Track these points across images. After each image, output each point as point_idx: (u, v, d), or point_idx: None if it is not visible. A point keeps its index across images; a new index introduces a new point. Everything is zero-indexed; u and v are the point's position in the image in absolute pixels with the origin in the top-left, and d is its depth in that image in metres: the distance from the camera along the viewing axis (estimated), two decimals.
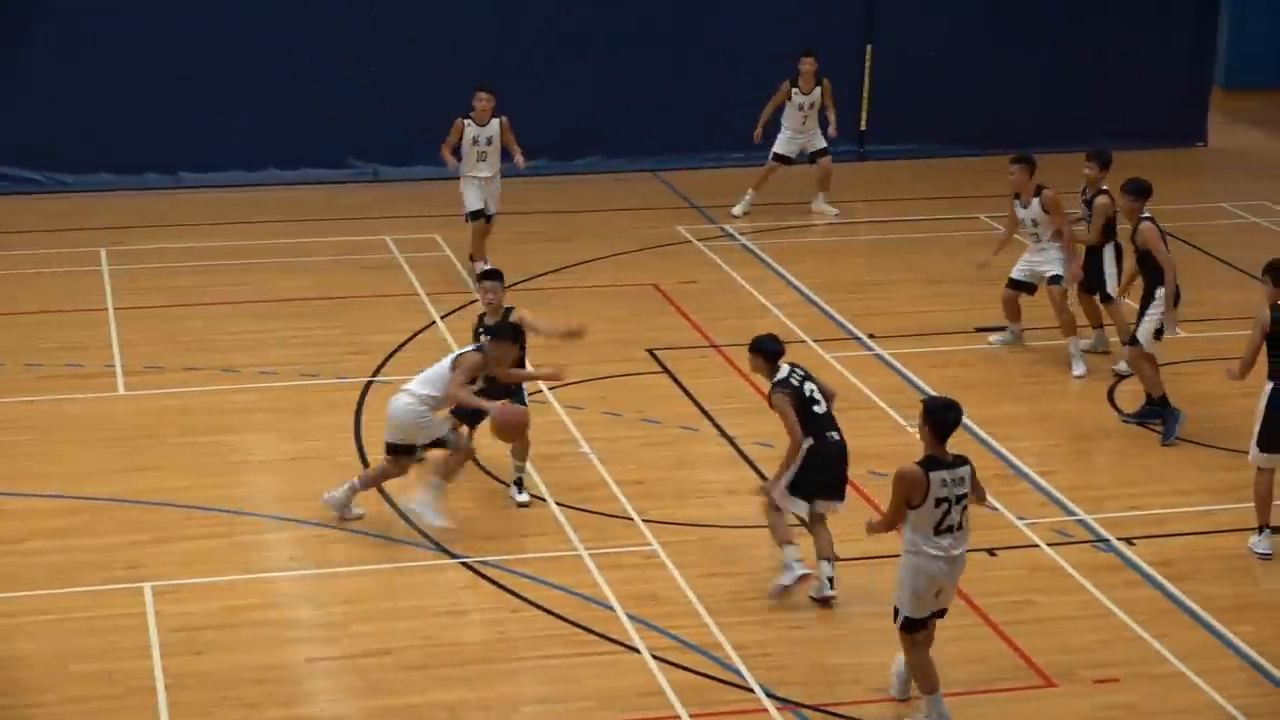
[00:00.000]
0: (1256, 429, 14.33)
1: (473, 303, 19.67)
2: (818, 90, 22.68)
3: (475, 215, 20.26)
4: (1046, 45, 26.07)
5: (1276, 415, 14.21)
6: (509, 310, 15.08)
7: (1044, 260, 18.04)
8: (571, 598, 13.50)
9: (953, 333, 19.02)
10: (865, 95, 25.04)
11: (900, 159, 25.32)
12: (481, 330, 15.05)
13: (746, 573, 13.95)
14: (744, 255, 21.50)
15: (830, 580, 13.44)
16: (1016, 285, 18.39)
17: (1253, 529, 14.54)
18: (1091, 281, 18.05)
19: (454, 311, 19.50)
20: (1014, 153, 18.44)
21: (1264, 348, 14.21)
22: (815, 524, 13.61)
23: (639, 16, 25.22)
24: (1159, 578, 13.91)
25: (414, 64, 22.16)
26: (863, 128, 24.93)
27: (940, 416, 11.37)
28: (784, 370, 13.58)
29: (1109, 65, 26.22)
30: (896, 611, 11.79)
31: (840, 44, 25.15)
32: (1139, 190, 16.59)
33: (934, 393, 17.15)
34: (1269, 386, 14.30)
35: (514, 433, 14.65)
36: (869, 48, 24.93)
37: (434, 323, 19.20)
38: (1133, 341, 16.47)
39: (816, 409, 13.60)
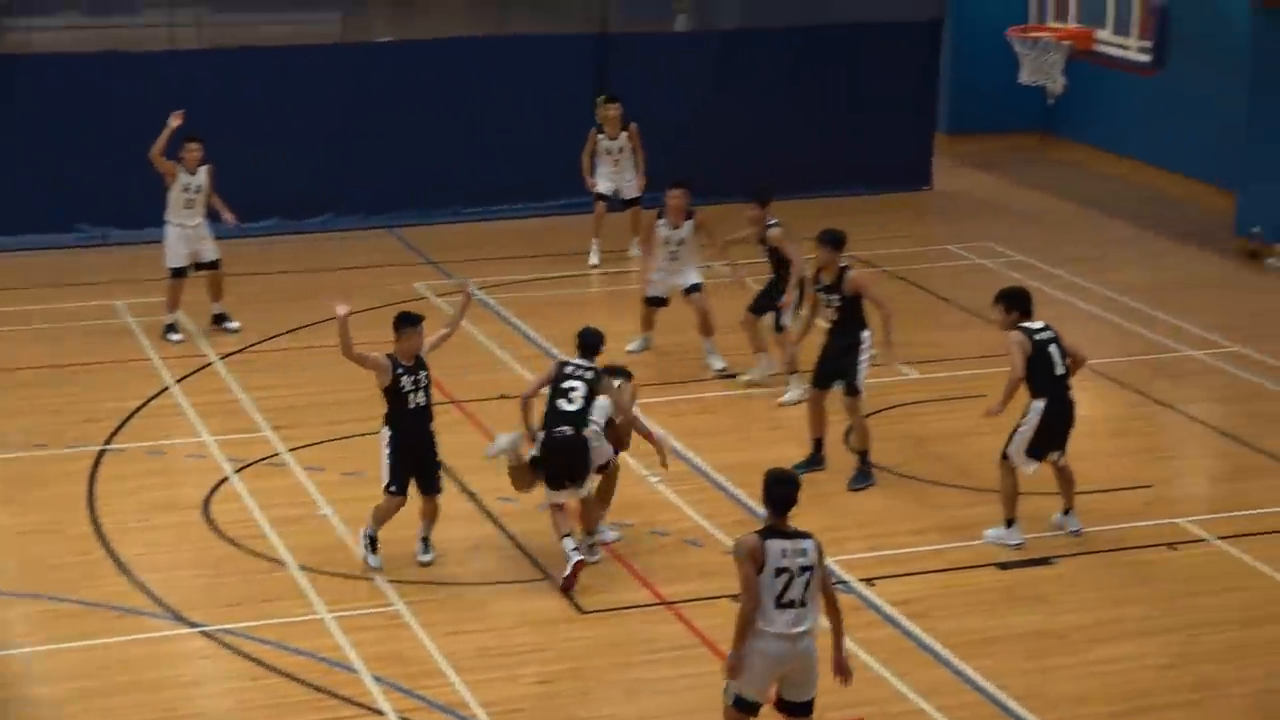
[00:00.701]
0: (1026, 437, 15.00)
1: (207, 366, 19.47)
2: (624, 135, 22.91)
3: (178, 273, 20.20)
4: (775, 96, 26.42)
5: (1047, 429, 15.00)
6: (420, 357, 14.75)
7: (681, 275, 19.25)
8: (315, 662, 13.34)
9: (692, 381, 19.14)
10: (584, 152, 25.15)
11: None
12: (402, 372, 14.52)
13: (493, 629, 13.91)
14: (482, 311, 21.46)
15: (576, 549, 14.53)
16: (655, 302, 19.57)
17: (987, 565, 14.92)
18: (763, 304, 18.45)
19: (187, 376, 19.22)
20: (742, 201, 18.79)
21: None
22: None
23: (370, 72, 25.14)
24: (898, 616, 14.12)
25: (143, 125, 21.78)
26: (590, 186, 25.02)
27: (775, 490, 11.14)
28: (575, 360, 14.80)
29: (837, 114, 26.66)
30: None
31: (572, 96, 25.29)
32: (837, 241, 16.65)
33: (673, 440, 17.29)
34: (1039, 404, 14.98)
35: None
36: (601, 99, 25.02)
37: (167, 388, 18.91)
38: (853, 391, 16.65)
39: (561, 403, 14.55)
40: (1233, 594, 14.58)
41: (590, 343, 14.96)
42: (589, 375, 14.71)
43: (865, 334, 16.53)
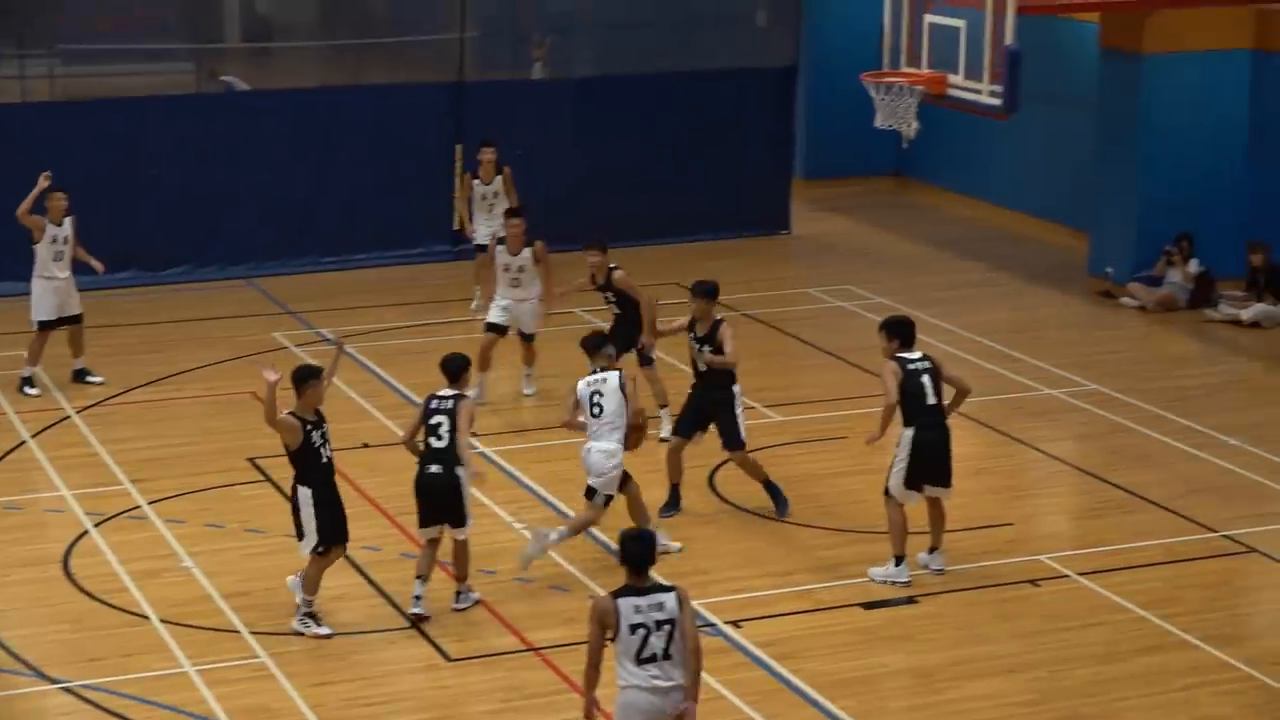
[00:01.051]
0: (902, 469, 15.22)
1: (64, 419, 19.25)
2: (499, 179, 22.84)
3: (45, 325, 20.00)
4: (634, 142, 26.52)
5: (921, 456, 15.18)
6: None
7: (523, 311, 19.79)
8: (180, 716, 13.19)
9: (545, 428, 18.96)
10: (457, 195, 25.11)
11: None
12: (310, 427, 14.36)
13: (360, 678, 13.82)
14: (343, 359, 21.30)
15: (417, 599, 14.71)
16: (494, 329, 19.75)
17: (853, 604, 15.02)
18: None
19: (45, 430, 18.97)
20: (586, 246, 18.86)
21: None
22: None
23: (226, 122, 24.99)
24: (766, 658, 14.16)
25: None
26: (455, 228, 24.99)
27: (628, 549, 11.12)
28: (439, 392, 14.70)
29: (695, 160, 26.80)
30: None
31: (431, 145, 25.28)
32: (712, 292, 16.71)
33: (538, 487, 17.27)
34: (909, 432, 15.17)
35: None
36: (459, 148, 25.04)
37: (24, 442, 18.66)
38: (737, 445, 16.59)
39: (431, 440, 14.56)
40: (1095, 629, 14.74)
41: (450, 369, 14.84)
42: (449, 404, 14.65)
43: (736, 388, 16.56)
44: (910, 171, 29.91)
